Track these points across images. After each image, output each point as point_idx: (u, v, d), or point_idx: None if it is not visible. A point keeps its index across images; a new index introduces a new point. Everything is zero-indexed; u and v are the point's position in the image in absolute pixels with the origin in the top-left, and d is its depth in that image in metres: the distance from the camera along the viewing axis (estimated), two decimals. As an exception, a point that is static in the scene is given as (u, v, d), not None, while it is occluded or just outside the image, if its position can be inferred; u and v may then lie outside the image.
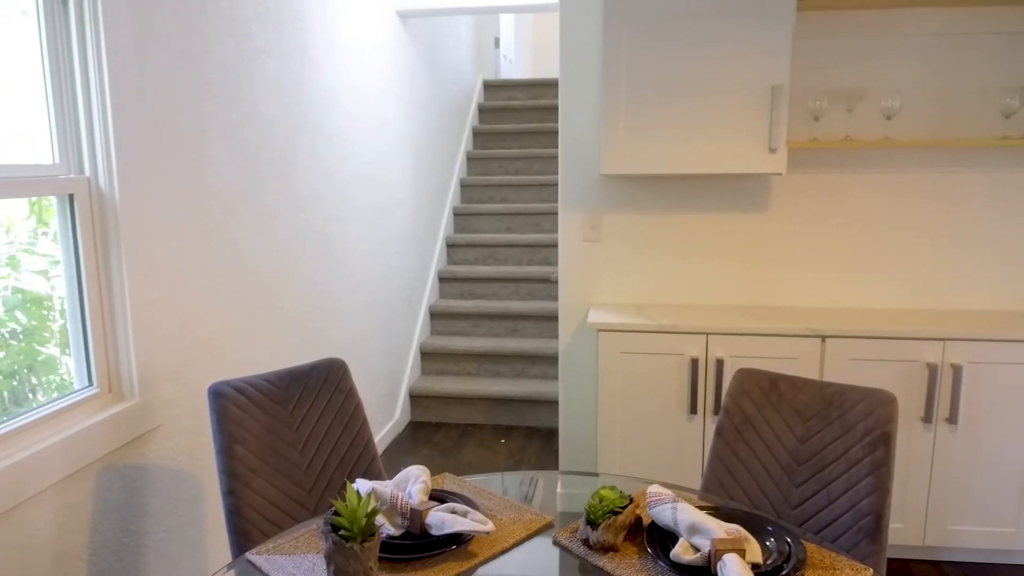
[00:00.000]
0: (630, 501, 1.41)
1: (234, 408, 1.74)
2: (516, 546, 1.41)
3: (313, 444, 1.86)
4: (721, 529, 1.31)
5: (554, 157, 5.55)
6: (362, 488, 1.43)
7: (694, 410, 2.62)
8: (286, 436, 1.82)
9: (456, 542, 1.38)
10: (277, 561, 1.35)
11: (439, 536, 1.38)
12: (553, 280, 4.68)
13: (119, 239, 1.89)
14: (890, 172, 2.82)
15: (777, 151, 2.56)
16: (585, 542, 1.39)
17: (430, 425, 4.26)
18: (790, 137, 2.82)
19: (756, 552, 1.30)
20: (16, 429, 1.66)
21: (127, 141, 1.89)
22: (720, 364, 2.58)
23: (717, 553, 1.24)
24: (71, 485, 1.76)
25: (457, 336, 4.69)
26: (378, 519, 1.40)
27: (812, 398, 1.75)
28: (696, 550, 1.30)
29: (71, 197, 1.82)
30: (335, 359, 1.97)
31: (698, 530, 1.31)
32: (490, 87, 6.38)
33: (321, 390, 1.92)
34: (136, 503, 1.98)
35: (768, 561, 1.31)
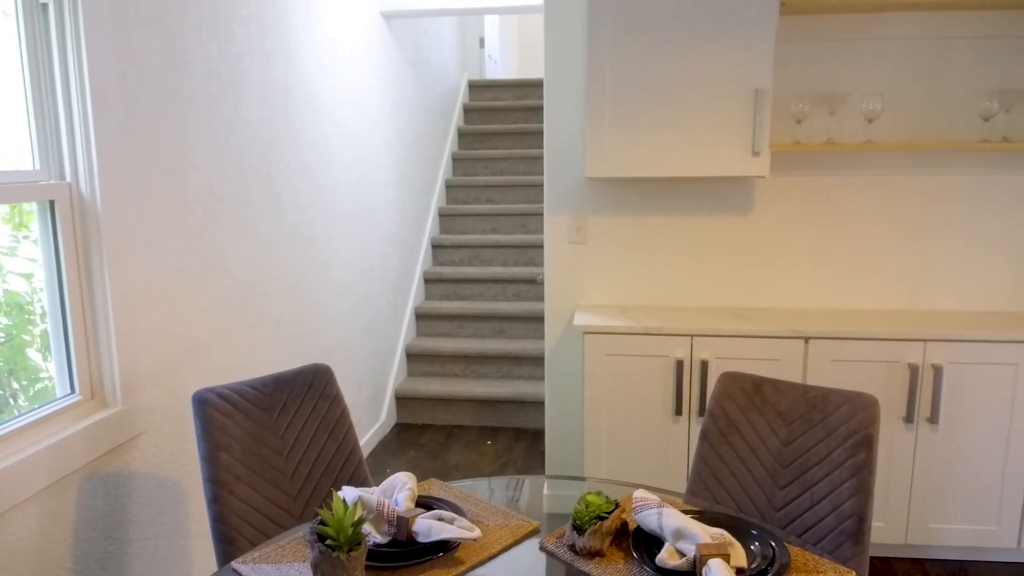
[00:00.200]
0: (616, 506, 1.42)
1: (219, 415, 1.73)
2: (503, 552, 1.41)
3: (299, 451, 1.86)
4: (706, 534, 1.32)
5: (540, 158, 5.55)
6: (348, 496, 1.43)
7: (679, 411, 2.63)
8: (271, 443, 1.82)
9: (443, 549, 1.38)
10: (263, 570, 1.35)
11: (426, 543, 1.38)
12: (539, 281, 4.68)
13: (101, 244, 1.87)
14: (872, 174, 2.85)
15: (760, 154, 2.58)
16: (572, 548, 1.40)
17: (416, 427, 4.25)
18: (773, 140, 2.85)
19: (741, 556, 1.31)
20: (-3, 438, 1.65)
21: (108, 146, 1.87)
22: (705, 366, 2.60)
23: (702, 558, 1.25)
24: (53, 494, 1.75)
25: (443, 337, 4.68)
26: (364, 527, 1.40)
27: (795, 401, 1.77)
28: (682, 555, 1.31)
29: (52, 203, 1.80)
30: (320, 365, 1.96)
31: (683, 535, 1.32)
32: (475, 87, 6.38)
33: (306, 396, 1.91)
34: (120, 511, 1.97)
35: (752, 565, 1.33)
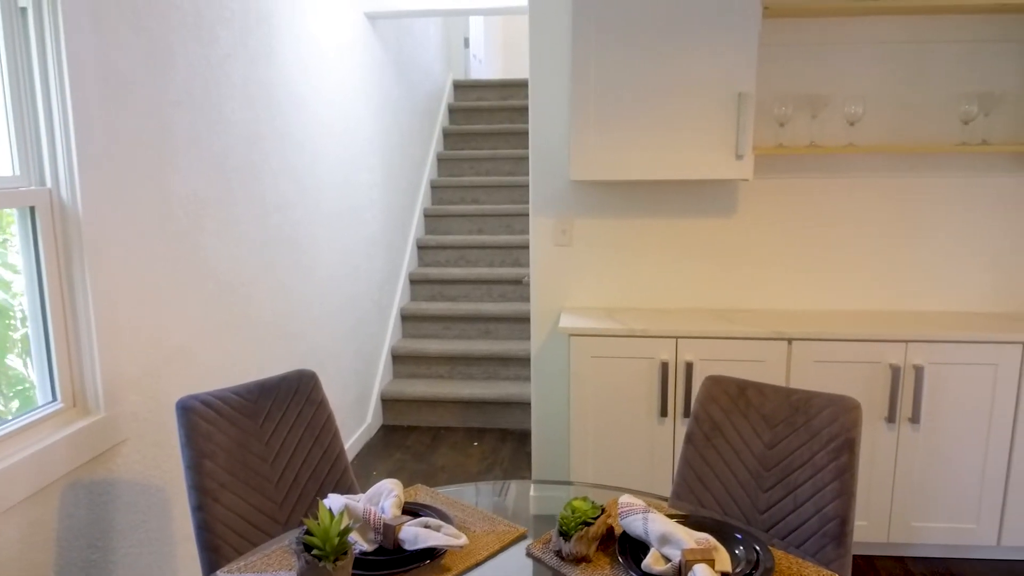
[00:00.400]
0: (602, 512, 1.43)
1: (203, 422, 1.72)
2: (489, 559, 1.42)
3: (284, 457, 1.85)
4: (691, 539, 1.33)
5: (525, 158, 5.55)
6: (334, 504, 1.43)
7: (664, 413, 2.65)
8: (256, 450, 1.81)
9: (430, 556, 1.38)
10: (249, 580, 1.34)
11: (412, 551, 1.38)
12: (525, 283, 4.69)
13: (82, 250, 1.85)
14: (853, 177, 2.87)
15: (744, 157, 2.60)
16: (558, 553, 1.41)
17: (402, 429, 4.25)
18: (756, 143, 2.87)
19: (725, 561, 1.32)
20: (-23, 448, 1.63)
21: (90, 151, 1.86)
22: (690, 367, 2.62)
23: (687, 564, 1.26)
24: (36, 503, 1.73)
25: (429, 339, 4.68)
26: (351, 536, 1.39)
27: (779, 405, 1.78)
28: (667, 560, 1.32)
29: (32, 209, 1.78)
30: (305, 371, 1.95)
31: (669, 540, 1.33)
32: (460, 87, 6.37)
33: (291, 402, 1.90)
34: (103, 519, 1.95)
35: (737, 569, 1.34)
